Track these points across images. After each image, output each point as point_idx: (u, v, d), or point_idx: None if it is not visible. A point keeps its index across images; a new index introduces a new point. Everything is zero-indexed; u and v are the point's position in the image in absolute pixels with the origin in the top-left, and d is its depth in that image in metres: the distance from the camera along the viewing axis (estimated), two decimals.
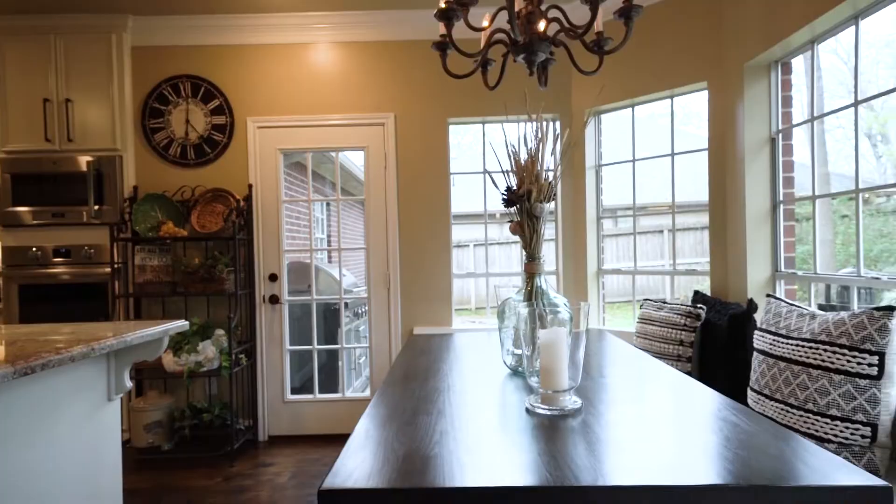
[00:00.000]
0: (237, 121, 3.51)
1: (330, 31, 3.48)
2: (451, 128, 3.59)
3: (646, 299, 2.89)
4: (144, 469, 3.06)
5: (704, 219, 3.03)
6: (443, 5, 1.33)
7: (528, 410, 1.15)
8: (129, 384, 2.03)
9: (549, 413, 1.12)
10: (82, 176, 3.30)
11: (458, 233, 3.69)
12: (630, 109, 3.32)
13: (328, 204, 6.38)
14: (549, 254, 3.56)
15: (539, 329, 1.18)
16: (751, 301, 2.42)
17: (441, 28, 1.43)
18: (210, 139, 3.50)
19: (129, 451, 3.13)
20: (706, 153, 2.95)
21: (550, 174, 1.52)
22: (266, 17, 3.41)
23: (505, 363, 1.61)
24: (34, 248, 3.30)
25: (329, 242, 6.43)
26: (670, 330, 2.54)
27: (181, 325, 2.07)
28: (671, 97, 3.13)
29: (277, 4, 3.28)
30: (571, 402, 1.16)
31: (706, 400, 1.21)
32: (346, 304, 3.78)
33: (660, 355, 2.56)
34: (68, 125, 3.31)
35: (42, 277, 3.31)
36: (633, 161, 3.34)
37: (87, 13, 3.29)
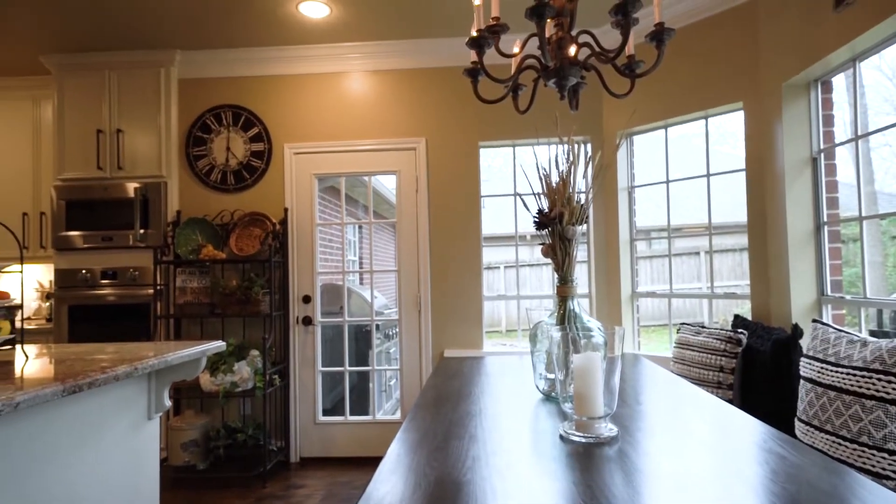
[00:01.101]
0: (275, 147, 3.64)
1: (363, 61, 3.60)
2: (482, 151, 3.62)
3: (683, 323, 2.81)
4: (180, 488, 3.11)
5: (743, 240, 2.94)
6: (474, 34, 1.36)
7: (562, 437, 1.13)
8: (168, 403, 2.09)
9: (583, 440, 1.10)
10: (130, 202, 3.47)
11: (489, 254, 3.69)
12: (663, 130, 3.28)
13: (360, 227, 6.49)
14: (581, 276, 3.51)
15: (573, 354, 1.16)
16: (795, 326, 2.32)
17: (472, 55, 1.46)
18: (249, 165, 3.63)
19: (165, 469, 3.19)
20: (743, 173, 2.88)
21: (582, 196, 1.51)
22: (302, 49, 3.55)
23: (538, 388, 1.59)
24: (84, 271, 3.46)
25: (361, 265, 6.52)
26: (710, 355, 2.46)
27: (218, 345, 2.13)
28: (705, 118, 3.08)
29: (313, 36, 3.42)
30: (607, 429, 1.13)
31: (750, 429, 1.16)
32: (378, 326, 3.81)
33: (699, 382, 2.47)
34: (119, 154, 3.50)
35: (90, 298, 3.46)
36: (667, 182, 3.29)
37: (138, 49, 3.51)
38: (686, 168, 3.30)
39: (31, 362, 1.68)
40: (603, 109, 3.48)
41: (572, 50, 1.33)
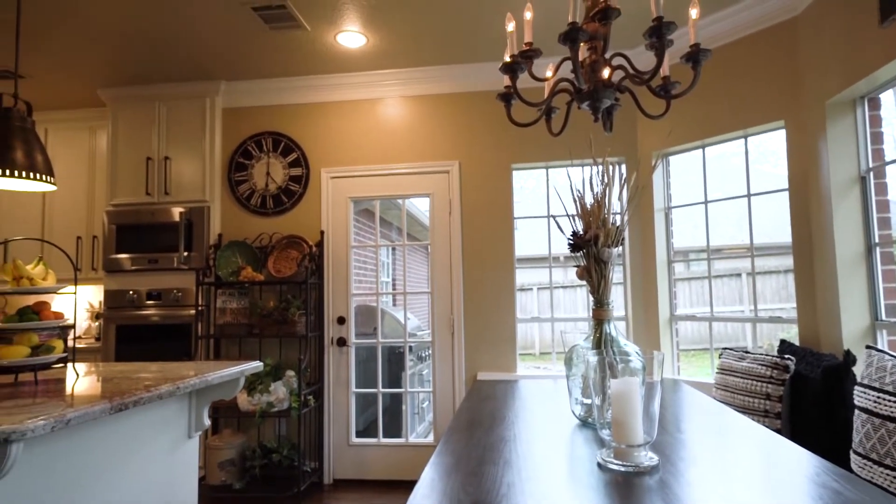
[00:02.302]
0: (312, 172, 3.75)
1: (397, 87, 3.69)
2: (515, 173, 3.63)
3: (725, 348, 2.70)
4: None
5: (787, 261, 2.83)
6: (508, 59, 1.38)
7: (599, 465, 1.10)
8: (207, 422, 2.13)
9: (623, 469, 1.06)
10: (175, 225, 3.62)
11: (521, 276, 3.66)
12: (700, 150, 3.23)
13: (393, 249, 6.57)
14: (617, 299, 3.44)
15: (610, 378, 1.13)
16: (847, 353, 2.20)
17: (506, 80, 1.48)
18: (287, 189, 3.75)
19: (203, 487, 3.25)
20: (786, 193, 2.79)
21: (618, 218, 1.50)
22: (339, 77, 3.68)
23: (574, 413, 1.55)
24: (131, 292, 3.62)
25: (394, 286, 6.57)
26: (755, 382, 2.35)
27: (256, 365, 2.17)
28: (745, 136, 3.01)
29: (350, 65, 3.54)
30: (647, 458, 1.09)
31: (801, 462, 1.10)
32: (411, 348, 3.81)
33: (744, 410, 2.36)
34: (166, 180, 3.68)
35: (136, 319, 3.60)
36: (706, 202, 3.21)
37: (186, 82, 3.71)
38: (725, 188, 3.23)
39: (81, 380, 1.75)
40: (637, 130, 3.45)
41: (606, 72, 1.33)
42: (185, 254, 3.59)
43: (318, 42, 3.21)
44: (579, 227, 1.53)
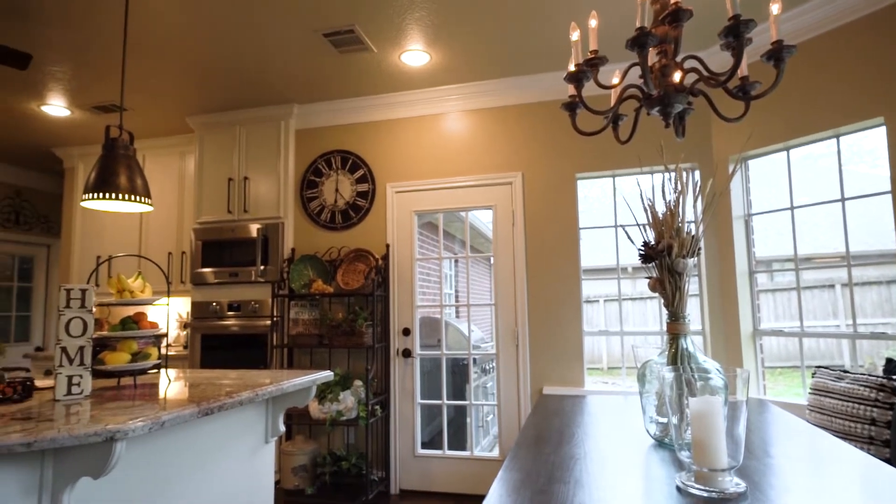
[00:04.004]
0: (378, 187, 3.86)
1: (460, 101, 3.74)
2: (579, 182, 3.56)
3: (819, 367, 2.48)
4: None
5: (891, 271, 2.56)
6: (572, 68, 1.37)
7: (679, 489, 1.04)
8: (282, 428, 2.23)
9: (705, 494, 1.00)
10: (253, 241, 3.85)
11: (587, 288, 3.56)
12: (784, 152, 3.01)
13: (456, 261, 6.61)
14: (693, 311, 3.26)
15: (688, 396, 1.07)
16: None
17: (570, 89, 1.46)
18: (355, 205, 3.89)
19: (278, 491, 3.39)
20: (889, 196, 2.53)
21: (692, 227, 1.42)
22: (403, 95, 3.78)
23: (648, 432, 1.48)
24: (214, 303, 3.88)
25: (457, 298, 6.60)
26: (857, 405, 2.13)
27: (327, 375, 2.25)
28: (836, 136, 2.78)
29: (413, 83, 3.63)
30: (733, 484, 1.02)
31: None
32: (475, 360, 3.80)
33: (844, 435, 2.15)
34: (245, 198, 3.93)
35: (218, 328, 3.85)
36: (791, 208, 2.99)
37: (263, 106, 3.96)
38: (813, 192, 2.98)
39: (172, 385, 1.89)
40: (712, 134, 3.28)
41: (677, 76, 1.28)
42: (262, 267, 3.80)
43: (384, 62, 3.32)
44: (651, 237, 1.47)
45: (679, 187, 1.40)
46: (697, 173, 3.30)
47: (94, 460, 1.24)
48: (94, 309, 1.65)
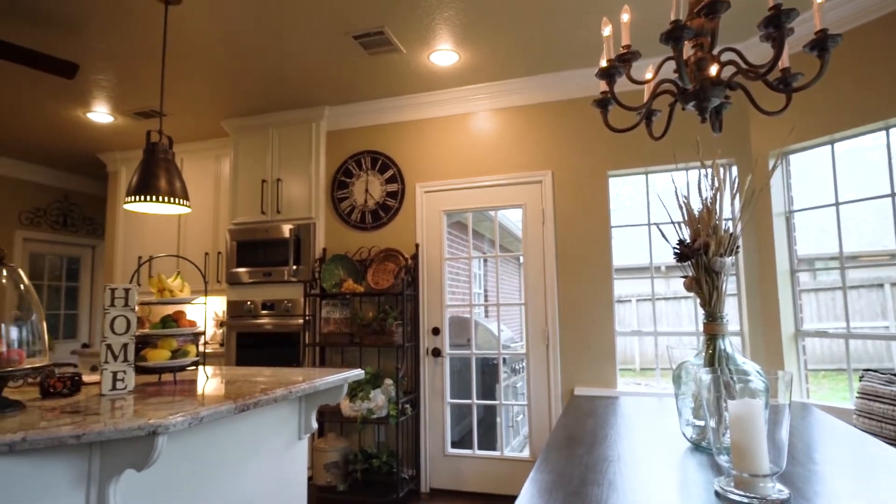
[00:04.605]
0: (407, 187, 3.89)
1: (489, 100, 3.73)
2: (611, 180, 3.50)
3: (867, 370, 2.37)
4: None
5: None
6: (604, 64, 1.34)
7: (717, 494, 1.01)
8: (315, 425, 2.27)
9: (746, 500, 0.97)
10: (285, 241, 3.93)
11: (619, 287, 3.50)
12: (828, 146, 2.89)
13: (485, 260, 6.59)
14: (731, 312, 3.16)
15: (727, 399, 1.04)
16: None
17: (602, 85, 1.44)
18: (384, 205, 3.92)
19: (310, 487, 3.45)
20: None
21: (730, 224, 1.38)
22: (432, 95, 3.80)
23: (684, 435, 1.44)
24: (249, 302, 3.97)
25: (486, 297, 6.58)
26: None
27: (358, 374, 2.28)
28: (885, 128, 2.65)
29: (442, 82, 3.64)
30: (775, 490, 0.98)
31: None
32: (504, 360, 3.78)
33: (895, 442, 2.04)
34: (278, 200, 4.02)
35: (252, 327, 3.94)
36: (836, 204, 2.86)
37: (295, 109, 4.04)
38: (860, 187, 2.85)
39: (209, 381, 1.95)
40: (750, 128, 3.18)
41: (714, 69, 1.24)
42: (294, 267, 3.88)
43: (413, 63, 3.34)
44: (686, 235, 1.44)
45: (716, 184, 1.36)
46: (735, 169, 3.20)
47: (137, 453, 1.29)
48: (136, 307, 1.72)
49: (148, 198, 2.25)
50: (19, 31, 2.86)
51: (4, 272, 1.51)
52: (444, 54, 3.22)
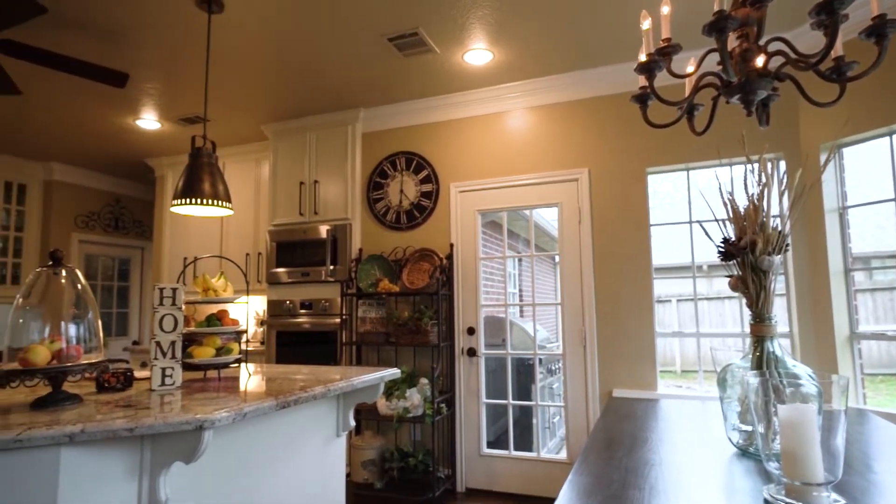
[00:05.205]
0: (441, 187, 3.90)
1: (523, 98, 3.69)
2: (649, 177, 3.41)
3: None
4: (359, 503, 3.38)
5: None
6: (644, 59, 1.31)
7: (767, 502, 0.97)
8: (352, 423, 2.30)
9: None
10: (322, 242, 4.01)
11: (658, 287, 3.40)
12: (887, 138, 2.73)
13: (519, 260, 6.54)
14: (779, 312, 3.03)
15: (776, 403, 0.99)
16: None
17: (641, 80, 1.40)
18: (419, 205, 3.94)
19: (348, 484, 3.50)
20: None
21: (778, 221, 1.32)
22: (466, 94, 3.79)
23: (730, 440, 1.39)
24: (288, 302, 4.07)
25: (521, 297, 6.53)
26: None
27: (394, 372, 2.30)
28: None
29: (476, 81, 3.63)
30: (830, 500, 0.93)
31: None
32: (540, 360, 3.74)
33: None
34: (315, 201, 4.10)
35: (291, 326, 4.04)
36: None
37: (331, 112, 4.12)
38: None
39: (251, 378, 2.01)
40: (800, 120, 3.04)
41: (760, 60, 1.19)
42: (331, 267, 3.95)
43: (447, 63, 3.34)
44: (731, 233, 1.39)
45: (763, 179, 1.30)
46: (783, 164, 3.07)
47: (185, 446, 1.34)
48: (183, 306, 1.79)
49: (193, 200, 2.33)
50: (73, 44, 3.02)
51: (63, 273, 1.59)
52: (478, 53, 3.22)
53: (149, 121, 4.22)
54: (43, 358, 1.44)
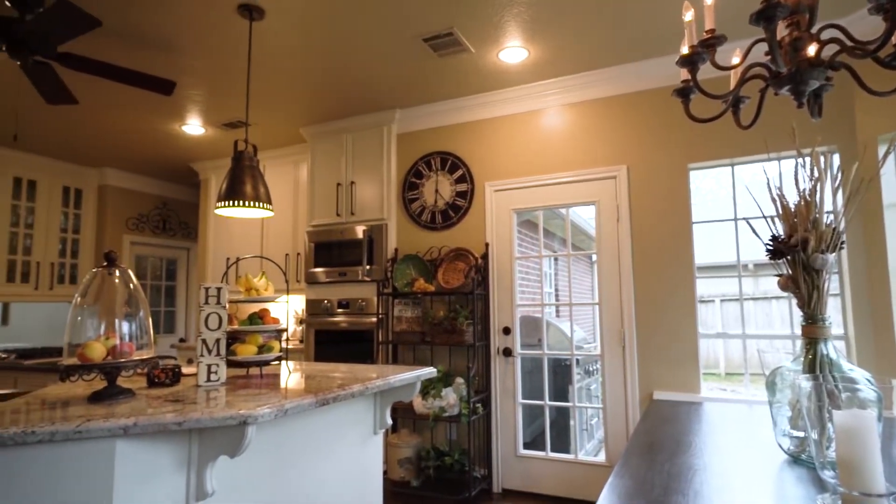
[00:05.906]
0: (476, 186, 3.89)
1: (559, 95, 3.64)
2: (691, 173, 3.30)
3: None
4: (395, 500, 3.41)
5: None
6: (686, 51, 1.27)
7: None
8: (389, 421, 2.33)
9: None
10: (359, 242, 4.07)
11: (701, 287, 3.29)
12: None
13: (555, 259, 6.45)
14: (833, 313, 2.88)
15: (830, 409, 0.95)
16: None
17: (683, 74, 1.36)
18: (454, 205, 3.95)
19: (385, 481, 3.55)
20: None
21: (832, 217, 1.26)
22: (501, 93, 3.77)
23: (780, 446, 1.33)
24: (326, 301, 4.15)
25: (557, 297, 6.44)
26: None
27: (430, 371, 2.31)
28: None
29: (511, 80, 3.61)
30: None
31: None
32: (577, 361, 3.68)
33: None
34: (352, 202, 4.17)
35: (329, 324, 4.12)
36: None
37: (367, 113, 4.17)
38: None
39: (291, 376, 2.06)
40: (855, 111, 2.88)
41: (812, 49, 1.14)
42: (368, 267, 4.01)
43: (482, 62, 3.33)
44: (780, 230, 1.33)
45: (816, 173, 1.24)
46: (837, 157, 2.91)
47: (230, 441, 1.39)
48: (227, 305, 1.85)
49: (236, 203, 2.41)
50: (121, 54, 3.17)
51: (117, 273, 1.68)
52: (513, 51, 3.19)
53: (193, 126, 4.38)
54: (99, 354, 1.52)
